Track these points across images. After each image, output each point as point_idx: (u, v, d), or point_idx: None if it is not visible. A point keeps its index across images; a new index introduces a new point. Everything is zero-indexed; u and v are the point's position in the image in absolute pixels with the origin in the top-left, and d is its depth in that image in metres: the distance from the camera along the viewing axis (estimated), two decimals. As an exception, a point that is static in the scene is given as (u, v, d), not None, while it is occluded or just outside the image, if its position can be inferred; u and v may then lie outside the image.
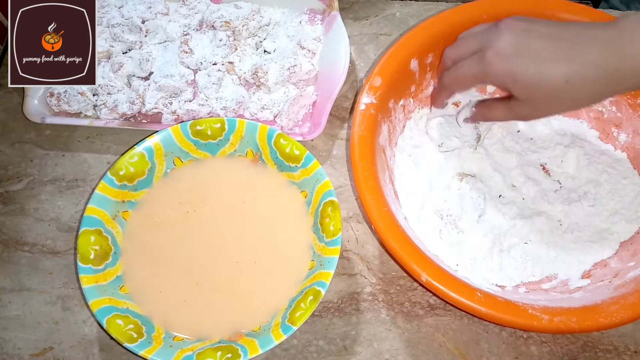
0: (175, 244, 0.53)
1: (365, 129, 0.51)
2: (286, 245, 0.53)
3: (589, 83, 0.42)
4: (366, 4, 0.71)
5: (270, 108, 0.61)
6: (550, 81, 0.42)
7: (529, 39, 0.44)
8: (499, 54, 0.44)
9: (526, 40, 0.44)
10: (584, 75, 0.42)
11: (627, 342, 0.52)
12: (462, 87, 0.50)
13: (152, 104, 0.61)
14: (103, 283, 0.49)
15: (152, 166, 0.55)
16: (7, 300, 0.55)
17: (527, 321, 0.44)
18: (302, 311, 0.47)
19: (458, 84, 0.49)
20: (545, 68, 0.42)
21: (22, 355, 0.52)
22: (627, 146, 0.58)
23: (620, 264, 0.52)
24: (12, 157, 0.62)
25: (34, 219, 0.58)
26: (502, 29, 0.45)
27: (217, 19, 0.63)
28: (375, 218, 0.47)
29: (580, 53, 0.42)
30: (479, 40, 0.47)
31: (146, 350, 0.46)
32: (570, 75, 0.42)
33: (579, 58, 0.42)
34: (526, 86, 0.44)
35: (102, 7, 0.66)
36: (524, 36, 0.44)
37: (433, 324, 0.53)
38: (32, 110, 0.61)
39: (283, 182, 0.56)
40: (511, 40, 0.44)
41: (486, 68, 0.45)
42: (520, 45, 0.44)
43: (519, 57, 0.43)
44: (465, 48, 0.48)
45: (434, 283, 0.45)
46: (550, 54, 0.42)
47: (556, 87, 0.43)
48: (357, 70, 0.66)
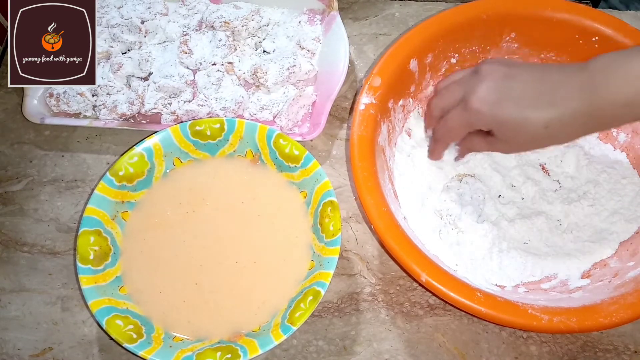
0: (175, 244, 0.53)
1: (365, 129, 0.51)
2: (286, 245, 0.53)
3: (567, 126, 0.43)
4: (365, 4, 0.71)
5: (270, 108, 0.61)
6: (530, 127, 0.44)
7: (509, 84, 0.45)
8: (482, 101, 0.45)
9: (507, 86, 0.45)
10: (562, 121, 0.43)
11: (626, 341, 0.52)
12: (454, 138, 0.51)
13: (151, 104, 0.61)
14: (102, 283, 0.49)
15: (151, 166, 0.55)
16: (7, 300, 0.55)
17: (526, 321, 0.44)
18: (302, 311, 0.47)
19: (450, 136, 0.51)
20: (527, 114, 0.44)
21: (21, 355, 0.52)
22: (627, 146, 0.58)
23: (619, 263, 0.52)
24: (11, 157, 0.62)
25: (34, 220, 0.58)
26: (483, 76, 0.46)
27: (216, 19, 0.63)
28: (375, 218, 0.47)
29: (560, 99, 0.43)
30: (462, 88, 0.48)
31: (146, 351, 0.46)
32: (549, 121, 0.43)
33: (558, 104, 0.43)
34: (510, 131, 0.45)
35: (102, 7, 0.65)
36: (504, 82, 0.45)
37: (433, 324, 0.53)
38: (31, 111, 0.61)
39: (282, 182, 0.56)
40: (493, 86, 0.45)
41: (471, 115, 0.46)
42: (502, 91, 0.45)
43: (502, 103, 0.45)
44: (450, 97, 0.49)
45: (433, 283, 0.45)
46: (532, 100, 0.44)
47: (535, 132, 0.44)
48: (357, 70, 0.66)
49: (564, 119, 0.43)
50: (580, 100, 0.42)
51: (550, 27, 0.57)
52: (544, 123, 0.43)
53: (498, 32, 0.58)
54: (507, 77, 0.45)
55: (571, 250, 0.54)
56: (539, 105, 0.44)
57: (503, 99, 0.45)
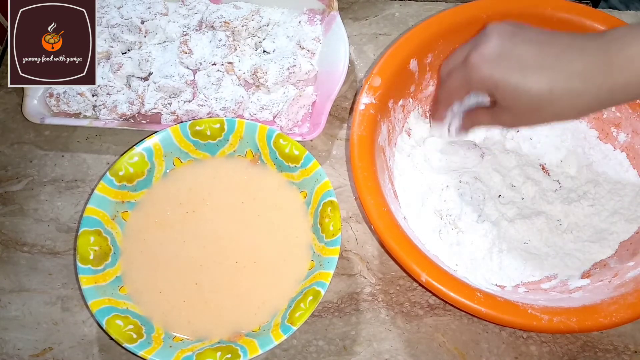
0: (175, 244, 0.53)
1: (365, 129, 0.51)
2: (286, 245, 0.53)
3: (574, 95, 0.40)
4: (365, 4, 0.71)
5: (270, 108, 0.61)
6: (532, 90, 0.41)
7: (515, 43, 0.42)
8: (482, 58, 0.42)
9: (511, 44, 0.42)
10: (569, 86, 0.40)
11: (626, 341, 0.52)
12: (454, 97, 0.48)
13: (151, 104, 0.61)
14: (102, 283, 0.49)
15: (151, 166, 0.55)
16: (7, 300, 0.55)
17: (526, 321, 0.44)
18: (302, 311, 0.47)
19: (450, 95, 0.48)
20: (527, 75, 0.41)
21: (21, 355, 0.52)
22: (627, 146, 0.58)
23: (619, 263, 0.52)
24: (11, 157, 0.62)
25: (34, 220, 0.58)
26: (489, 33, 0.43)
27: (216, 19, 0.63)
28: (375, 218, 0.47)
29: (565, 62, 0.40)
30: (467, 48, 0.45)
31: (146, 351, 0.46)
32: (553, 85, 0.40)
33: (564, 67, 0.40)
34: (508, 93, 0.42)
35: (102, 7, 0.65)
36: (509, 40, 0.42)
37: (433, 324, 0.53)
38: (31, 111, 0.61)
39: (282, 182, 0.56)
40: (496, 43, 0.42)
41: (469, 73, 0.43)
42: (505, 49, 0.42)
43: (501, 61, 0.42)
44: (455, 59, 0.47)
45: (433, 283, 0.45)
46: (534, 61, 0.41)
47: (539, 97, 0.40)
48: (357, 70, 0.66)
49: (571, 85, 0.39)
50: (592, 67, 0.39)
51: (550, 27, 0.56)
52: (547, 86, 0.40)
53: (498, 32, 0.58)
54: (513, 35, 0.42)
55: (571, 250, 0.54)
56: (542, 66, 0.40)
57: (505, 58, 0.41)
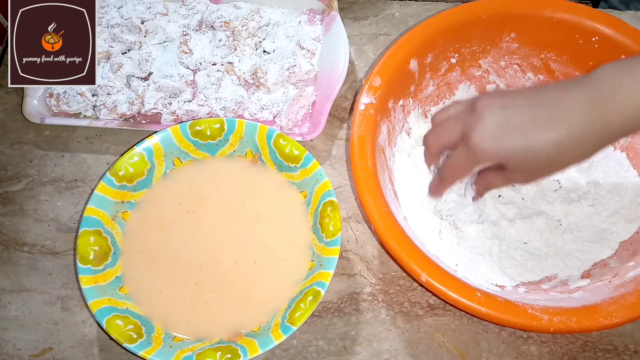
0: (175, 244, 0.53)
1: (365, 129, 0.51)
2: (286, 245, 0.53)
3: (579, 144, 0.41)
4: (365, 4, 0.71)
5: (270, 108, 0.61)
6: (540, 151, 0.42)
7: (508, 114, 0.43)
8: (483, 137, 0.43)
9: (505, 116, 0.43)
10: (573, 139, 0.41)
11: (626, 342, 0.52)
12: (460, 177, 0.49)
13: (151, 104, 0.61)
14: (102, 283, 0.49)
15: (151, 166, 0.55)
16: (7, 300, 0.55)
17: (526, 321, 0.44)
18: (302, 311, 0.47)
19: (456, 175, 0.49)
20: (532, 139, 0.42)
21: (21, 355, 0.52)
22: (627, 146, 0.58)
23: (619, 263, 0.52)
24: (11, 157, 0.62)
25: (34, 220, 0.58)
26: (480, 111, 0.44)
27: (216, 19, 0.63)
28: (375, 218, 0.47)
29: (563, 116, 0.41)
30: (459, 125, 0.46)
31: (146, 351, 0.46)
32: (559, 141, 0.41)
33: (564, 121, 0.41)
34: (519, 160, 0.43)
35: (102, 7, 0.66)
36: (501, 112, 0.43)
37: (433, 324, 0.53)
38: (31, 111, 0.61)
39: (282, 182, 0.56)
40: (491, 119, 0.43)
41: (476, 154, 0.44)
42: (501, 122, 0.43)
43: (503, 134, 0.43)
44: (448, 135, 0.47)
45: (433, 283, 0.45)
46: (533, 125, 0.42)
47: (547, 155, 0.42)
48: (357, 70, 0.66)
49: (574, 136, 0.41)
50: (588, 114, 0.40)
51: (550, 27, 0.57)
52: (553, 144, 0.41)
53: (498, 32, 0.58)
54: (503, 107, 0.43)
55: (571, 250, 0.54)
56: (542, 126, 0.42)
57: (503, 131, 0.43)
